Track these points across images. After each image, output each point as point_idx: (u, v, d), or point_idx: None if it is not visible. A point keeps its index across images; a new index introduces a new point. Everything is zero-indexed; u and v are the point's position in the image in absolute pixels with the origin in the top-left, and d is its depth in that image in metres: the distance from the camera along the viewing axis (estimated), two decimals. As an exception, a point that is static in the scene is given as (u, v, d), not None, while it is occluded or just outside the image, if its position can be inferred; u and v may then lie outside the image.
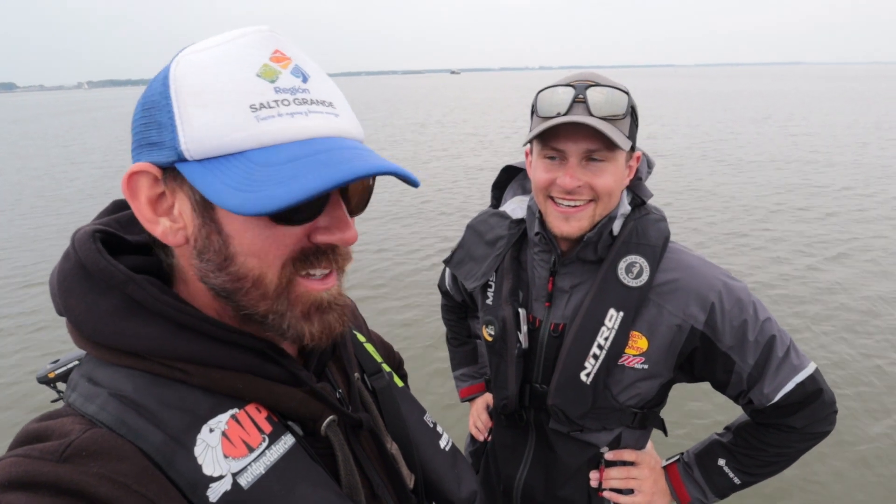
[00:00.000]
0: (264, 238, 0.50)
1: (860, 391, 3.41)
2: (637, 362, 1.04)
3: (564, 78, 1.00)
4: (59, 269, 0.52)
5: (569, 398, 1.06)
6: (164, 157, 0.48)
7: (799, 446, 1.07)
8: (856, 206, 7.50)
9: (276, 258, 0.51)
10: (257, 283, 0.51)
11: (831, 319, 4.31)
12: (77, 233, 0.53)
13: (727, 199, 7.98)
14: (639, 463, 1.16)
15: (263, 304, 0.52)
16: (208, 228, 0.50)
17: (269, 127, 0.47)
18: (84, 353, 0.53)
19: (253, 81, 0.47)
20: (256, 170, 0.46)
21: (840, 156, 11.19)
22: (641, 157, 1.07)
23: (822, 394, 1.03)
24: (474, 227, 1.26)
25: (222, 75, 0.47)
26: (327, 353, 0.65)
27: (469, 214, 6.69)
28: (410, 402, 0.77)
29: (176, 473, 0.46)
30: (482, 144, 14.80)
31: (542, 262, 1.11)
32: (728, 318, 0.99)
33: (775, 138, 14.04)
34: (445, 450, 0.76)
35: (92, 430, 0.45)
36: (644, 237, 1.04)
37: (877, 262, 5.44)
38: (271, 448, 0.52)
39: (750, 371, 1.01)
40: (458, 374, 1.56)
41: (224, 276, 0.51)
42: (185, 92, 0.47)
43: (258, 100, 0.47)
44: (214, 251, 0.50)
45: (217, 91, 0.46)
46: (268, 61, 0.48)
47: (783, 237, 6.27)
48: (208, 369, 0.51)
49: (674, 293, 1.02)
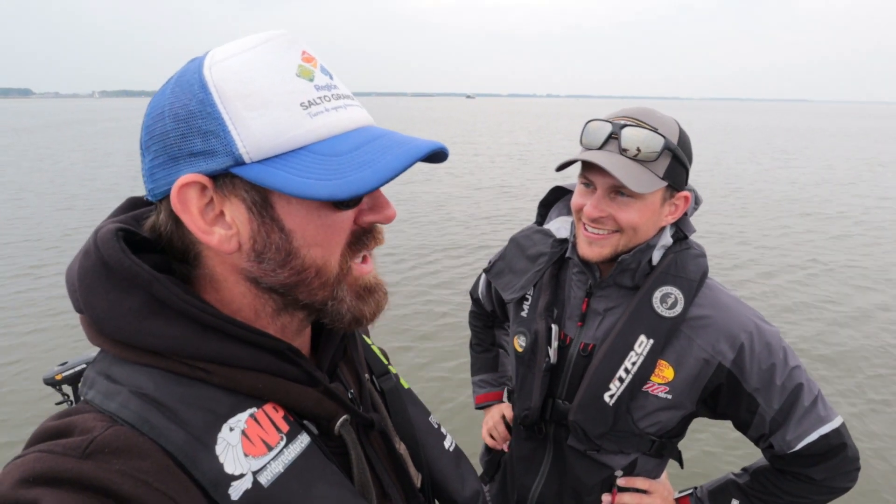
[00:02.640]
0: (327, 227, 0.52)
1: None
2: (661, 391, 1.05)
3: (615, 112, 1.05)
4: (79, 265, 0.51)
5: (590, 417, 1.07)
6: (217, 165, 0.48)
7: (815, 498, 1.06)
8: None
9: (337, 245, 0.54)
10: (320, 272, 0.54)
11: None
12: (99, 230, 0.52)
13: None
14: (651, 492, 1.16)
15: (322, 292, 0.55)
16: (268, 227, 0.51)
17: (322, 121, 0.50)
18: (97, 353, 0.53)
19: (295, 81, 0.49)
20: (329, 160, 0.49)
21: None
22: (690, 198, 1.08)
23: (845, 448, 1.02)
24: (518, 241, 1.29)
25: (266, 78, 0.48)
26: (339, 354, 0.66)
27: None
28: (416, 403, 0.79)
29: (199, 472, 0.47)
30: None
31: (580, 283, 1.14)
32: (757, 359, 1.00)
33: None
34: (450, 450, 0.78)
35: (114, 428, 0.45)
36: (682, 270, 1.06)
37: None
38: (289, 447, 0.52)
39: (774, 415, 1.01)
40: (477, 380, 1.57)
41: (286, 271, 0.52)
42: (233, 97, 0.47)
43: (306, 98, 0.50)
44: (276, 249, 0.51)
45: (266, 93, 0.48)
46: (301, 62, 0.51)
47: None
48: (229, 369, 0.51)
49: (705, 328, 1.03)
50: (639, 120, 1.00)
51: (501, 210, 9.47)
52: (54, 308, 5.08)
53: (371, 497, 0.60)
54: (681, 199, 1.07)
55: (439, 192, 11.01)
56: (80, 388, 0.51)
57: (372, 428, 0.64)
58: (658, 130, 0.99)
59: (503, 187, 11.66)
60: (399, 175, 0.49)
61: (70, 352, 4.15)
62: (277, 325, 0.58)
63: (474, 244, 7.38)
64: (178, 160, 0.49)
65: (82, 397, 0.51)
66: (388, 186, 0.56)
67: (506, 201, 10.23)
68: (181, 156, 0.49)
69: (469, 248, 7.21)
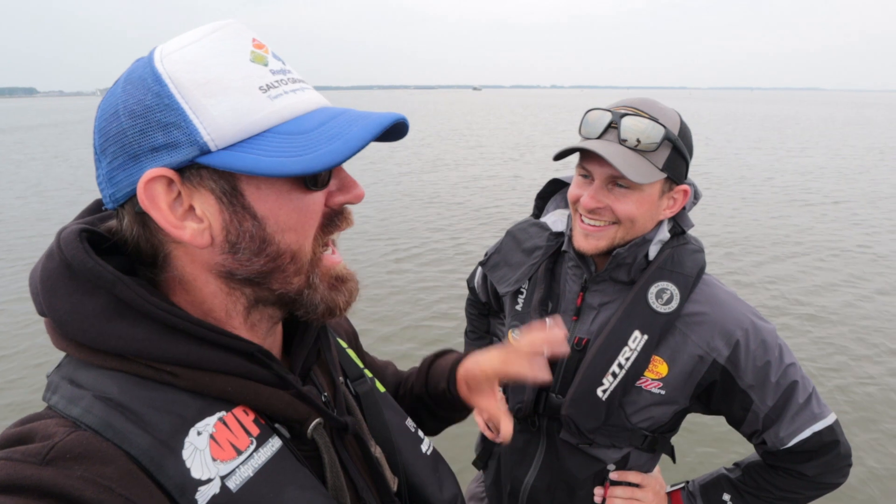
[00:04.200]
0: (299, 210, 0.52)
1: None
2: (654, 387, 1.05)
3: (615, 102, 1.04)
4: (41, 268, 0.50)
5: (582, 411, 1.07)
6: (182, 156, 0.47)
7: (806, 493, 1.07)
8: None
9: (310, 227, 0.54)
10: (295, 257, 0.54)
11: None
12: (62, 232, 0.51)
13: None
14: (644, 486, 1.16)
15: (298, 279, 0.55)
16: (240, 216, 0.50)
17: (283, 103, 0.50)
18: (62, 357, 0.52)
19: (251, 66, 0.50)
20: (296, 138, 0.49)
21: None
22: (689, 192, 1.07)
23: (838, 445, 1.02)
24: (514, 234, 1.28)
25: (221, 65, 0.48)
26: (312, 357, 0.65)
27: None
28: (392, 407, 0.78)
29: (164, 477, 0.46)
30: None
31: (575, 277, 1.14)
32: (752, 357, 1.00)
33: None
34: (427, 454, 0.77)
35: (76, 433, 0.44)
36: (679, 265, 1.05)
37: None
38: (259, 451, 0.52)
39: (767, 412, 1.01)
40: None
41: (262, 259, 0.52)
42: (190, 86, 0.47)
43: (263, 81, 0.50)
44: (250, 237, 0.51)
45: (224, 79, 0.48)
46: (253, 48, 0.51)
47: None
48: (197, 372, 0.50)
49: (700, 325, 1.02)
50: (639, 110, 0.99)
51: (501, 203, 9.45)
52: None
53: (345, 501, 0.59)
54: (680, 192, 1.05)
55: (442, 182, 11.00)
56: (45, 393, 0.50)
57: (346, 431, 0.64)
58: (658, 120, 0.97)
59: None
60: (367, 144, 0.50)
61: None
62: (248, 324, 0.57)
63: (470, 238, 7.37)
64: (139, 157, 0.48)
65: (45, 402, 0.50)
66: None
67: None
68: (142, 152, 0.47)
69: (464, 240, 7.20)
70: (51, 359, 3.95)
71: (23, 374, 3.99)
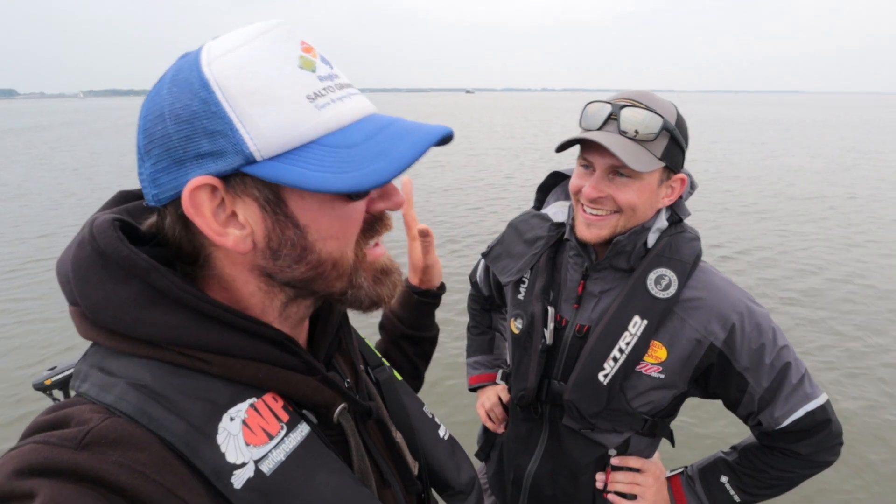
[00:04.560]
0: (341, 219, 0.53)
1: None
2: (654, 371, 1.07)
3: (615, 94, 1.06)
4: (73, 256, 0.50)
5: (585, 396, 1.10)
6: (227, 165, 0.47)
7: (801, 472, 1.10)
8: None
9: (351, 235, 0.55)
10: (337, 264, 0.54)
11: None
12: (95, 221, 0.51)
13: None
14: (644, 471, 1.18)
15: (340, 283, 0.56)
16: (282, 224, 0.51)
17: (329, 113, 0.50)
18: (88, 347, 0.52)
19: (299, 73, 0.49)
20: (342, 152, 0.49)
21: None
22: (686, 180, 1.10)
23: (830, 424, 1.05)
24: (515, 225, 1.31)
25: (269, 72, 0.47)
26: (334, 346, 0.66)
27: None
28: (410, 394, 0.80)
29: (201, 461, 0.46)
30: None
31: (576, 266, 1.16)
32: (747, 339, 1.03)
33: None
34: (444, 439, 0.79)
35: (111, 419, 0.45)
36: (677, 252, 1.08)
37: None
38: (289, 436, 0.53)
39: (762, 394, 1.04)
40: (472, 362, 1.59)
41: (303, 266, 0.53)
42: (238, 94, 0.46)
43: (311, 90, 0.49)
44: (291, 245, 0.52)
45: (272, 88, 0.47)
46: (301, 53, 0.50)
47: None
48: (228, 358, 0.51)
49: (698, 310, 1.05)
50: (637, 101, 1.01)
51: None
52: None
53: (370, 484, 0.60)
54: (677, 181, 1.08)
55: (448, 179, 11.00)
56: (73, 383, 0.50)
57: (369, 416, 0.65)
58: (656, 111, 1.00)
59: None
60: (414, 163, 0.50)
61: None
62: (283, 318, 0.58)
63: (475, 231, 7.38)
64: (184, 163, 0.47)
65: (74, 391, 0.50)
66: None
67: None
68: (187, 158, 0.47)
69: (467, 235, 7.22)
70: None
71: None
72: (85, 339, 0.52)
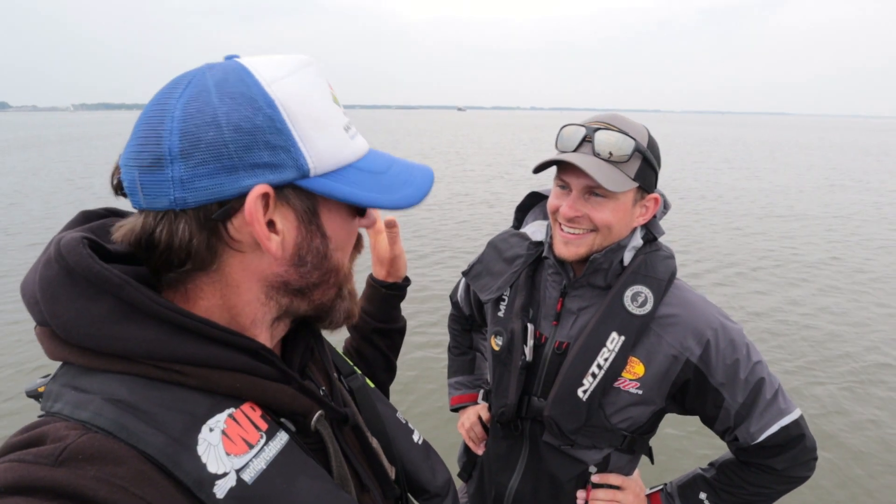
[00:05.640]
0: (349, 233, 0.61)
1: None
2: (632, 387, 1.09)
3: (588, 118, 1.09)
4: (40, 276, 0.50)
5: (564, 412, 1.10)
6: (284, 177, 0.51)
7: (777, 488, 1.11)
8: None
9: (350, 247, 0.62)
10: (337, 272, 0.60)
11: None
12: (61, 240, 0.51)
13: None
14: (624, 488, 1.18)
15: (333, 290, 0.61)
16: (313, 234, 0.56)
17: (356, 143, 0.58)
18: (57, 367, 0.51)
19: (334, 107, 0.56)
20: (375, 177, 0.58)
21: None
22: (660, 200, 1.12)
23: (804, 439, 1.07)
24: (495, 244, 1.33)
25: (320, 101, 0.54)
26: (307, 355, 0.67)
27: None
28: (383, 401, 0.82)
29: (182, 473, 0.46)
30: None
31: (555, 283, 1.18)
32: (721, 355, 1.04)
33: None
34: (419, 443, 0.81)
35: (88, 434, 0.44)
36: (652, 270, 1.10)
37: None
38: (269, 444, 0.53)
39: (738, 409, 1.06)
40: (454, 382, 1.59)
41: (319, 272, 0.58)
42: (300, 117, 0.52)
43: (344, 122, 0.57)
44: (315, 252, 0.57)
45: (323, 115, 0.54)
46: (330, 90, 0.57)
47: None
48: (205, 370, 0.51)
49: (674, 326, 1.07)
50: (610, 125, 1.04)
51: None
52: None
53: (350, 489, 0.62)
54: (651, 200, 1.10)
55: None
56: (43, 404, 0.49)
57: (346, 423, 0.66)
58: (629, 134, 1.03)
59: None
60: (428, 190, 0.61)
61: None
62: (269, 331, 0.60)
63: (455, 247, 7.41)
64: (237, 170, 0.49)
65: (46, 412, 0.49)
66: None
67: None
68: (242, 166, 0.49)
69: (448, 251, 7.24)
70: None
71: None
72: (54, 361, 0.51)
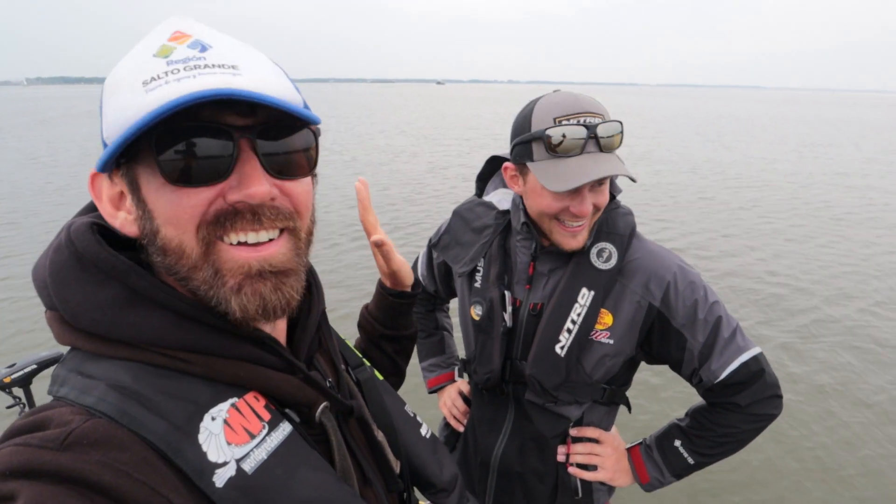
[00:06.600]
0: (172, 203, 0.49)
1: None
2: (604, 336, 1.14)
3: (563, 106, 1.03)
4: (50, 261, 0.51)
5: (545, 369, 1.16)
6: (105, 155, 0.49)
7: (744, 427, 1.15)
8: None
9: (188, 223, 0.50)
10: (178, 252, 0.51)
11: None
12: (72, 226, 0.52)
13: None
14: (602, 441, 1.25)
15: (196, 274, 0.51)
16: (142, 208, 0.51)
17: (155, 94, 0.47)
18: (57, 352, 0.53)
19: (148, 62, 0.49)
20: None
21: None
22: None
23: (764, 374, 1.12)
24: (461, 213, 1.33)
25: (126, 64, 0.51)
26: (314, 345, 0.67)
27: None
28: (391, 393, 0.80)
29: (182, 461, 0.47)
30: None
31: (525, 249, 1.21)
32: (681, 297, 1.10)
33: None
34: (426, 437, 0.80)
35: (93, 420, 0.45)
36: (614, 227, 1.15)
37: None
38: (271, 434, 0.53)
39: (700, 348, 1.11)
40: (427, 365, 1.61)
41: (156, 251, 0.51)
42: (105, 89, 0.51)
43: (149, 75, 0.48)
44: (149, 229, 0.51)
45: (120, 78, 0.50)
46: (165, 42, 0.50)
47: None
48: (209, 358, 0.51)
49: (635, 273, 1.13)
50: (597, 113, 1.03)
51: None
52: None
53: (352, 482, 0.60)
54: None
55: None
56: (51, 388, 0.50)
57: (351, 415, 0.65)
58: (613, 119, 1.05)
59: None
60: (171, 108, 0.45)
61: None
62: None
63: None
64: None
65: (53, 395, 0.50)
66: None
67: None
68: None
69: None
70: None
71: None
72: (62, 345, 0.52)
